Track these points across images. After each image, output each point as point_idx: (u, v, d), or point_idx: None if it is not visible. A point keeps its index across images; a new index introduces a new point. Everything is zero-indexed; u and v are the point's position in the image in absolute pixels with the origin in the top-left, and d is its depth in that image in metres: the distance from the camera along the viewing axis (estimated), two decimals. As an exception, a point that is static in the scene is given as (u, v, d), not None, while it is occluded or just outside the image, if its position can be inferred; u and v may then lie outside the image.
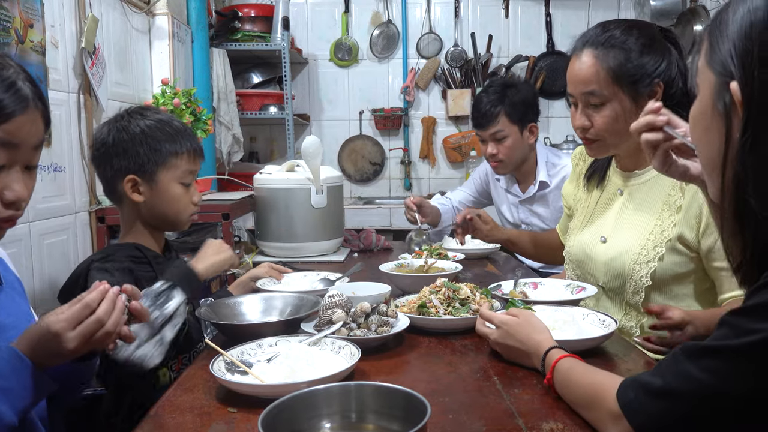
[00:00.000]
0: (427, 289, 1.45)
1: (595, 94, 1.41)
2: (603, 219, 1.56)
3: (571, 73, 1.46)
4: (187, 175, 1.53)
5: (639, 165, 1.50)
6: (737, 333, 0.68)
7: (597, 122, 1.43)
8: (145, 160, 1.46)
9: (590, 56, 1.41)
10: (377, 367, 1.16)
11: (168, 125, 1.51)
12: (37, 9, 1.92)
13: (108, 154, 1.48)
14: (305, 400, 0.85)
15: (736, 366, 0.68)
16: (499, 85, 2.45)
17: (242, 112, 3.61)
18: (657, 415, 0.76)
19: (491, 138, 2.42)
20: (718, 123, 0.76)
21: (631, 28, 1.43)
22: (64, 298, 1.41)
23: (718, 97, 0.76)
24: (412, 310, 1.40)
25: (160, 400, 1.04)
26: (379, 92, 4.19)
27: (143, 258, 1.47)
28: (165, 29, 2.85)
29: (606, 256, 1.49)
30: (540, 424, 0.91)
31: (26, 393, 0.90)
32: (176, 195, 1.51)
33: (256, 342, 1.17)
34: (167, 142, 1.49)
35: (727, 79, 0.74)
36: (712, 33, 0.78)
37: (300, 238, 2.30)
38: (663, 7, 3.76)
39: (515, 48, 4.13)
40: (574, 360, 1.00)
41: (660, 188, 1.45)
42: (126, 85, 2.61)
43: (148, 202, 1.49)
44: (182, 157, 1.51)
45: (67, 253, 2.12)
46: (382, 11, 4.13)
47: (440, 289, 1.42)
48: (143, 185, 1.48)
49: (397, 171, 4.24)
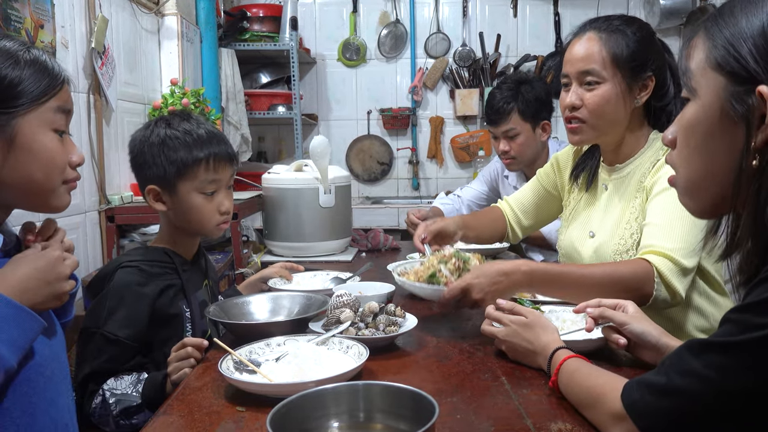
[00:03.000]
0: (435, 258, 1.42)
1: (592, 73, 1.43)
2: (591, 214, 1.57)
3: (570, 54, 1.47)
4: (207, 185, 1.47)
5: (621, 159, 1.52)
6: (742, 329, 0.67)
7: (588, 102, 1.44)
8: (162, 172, 1.45)
9: (593, 38, 1.44)
10: (385, 366, 1.16)
11: (189, 134, 1.46)
12: (48, 10, 1.93)
13: (134, 163, 1.50)
14: (313, 399, 0.85)
15: (741, 362, 0.67)
16: (513, 81, 2.44)
17: (250, 111, 3.62)
18: (662, 414, 0.74)
19: (503, 135, 2.42)
20: (730, 129, 0.72)
21: (633, 21, 1.47)
22: (91, 295, 1.43)
23: (734, 101, 0.71)
24: (420, 279, 1.39)
25: (169, 399, 1.05)
26: (387, 92, 4.18)
27: (171, 263, 1.47)
28: (174, 29, 2.86)
29: (591, 250, 1.50)
30: (548, 424, 0.91)
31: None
32: (197, 205, 1.47)
33: (265, 341, 1.17)
34: (183, 152, 1.45)
35: (746, 82, 0.69)
36: (715, 33, 0.73)
37: (308, 238, 2.30)
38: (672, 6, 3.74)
39: (523, 47, 4.12)
40: (581, 361, 0.99)
41: (636, 177, 1.47)
42: (135, 85, 2.63)
43: (171, 211, 1.48)
44: (200, 166, 1.45)
45: (78, 252, 2.12)
46: (390, 11, 4.13)
47: (450, 259, 1.40)
48: (165, 195, 1.47)
49: (405, 171, 4.24)
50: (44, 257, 0.97)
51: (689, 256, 1.30)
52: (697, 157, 0.78)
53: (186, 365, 1.22)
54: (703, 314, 1.45)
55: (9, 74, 0.92)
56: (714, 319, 1.45)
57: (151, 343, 1.38)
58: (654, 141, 1.47)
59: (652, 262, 1.28)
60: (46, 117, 0.96)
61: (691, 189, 0.81)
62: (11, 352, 0.88)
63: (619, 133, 1.48)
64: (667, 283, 1.28)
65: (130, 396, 1.27)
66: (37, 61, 0.96)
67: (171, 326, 1.41)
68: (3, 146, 0.93)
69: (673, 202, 1.34)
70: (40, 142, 0.95)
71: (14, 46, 0.95)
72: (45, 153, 0.96)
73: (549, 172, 1.77)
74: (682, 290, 1.29)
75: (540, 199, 1.80)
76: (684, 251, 1.29)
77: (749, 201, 0.72)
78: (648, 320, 1.10)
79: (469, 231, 1.76)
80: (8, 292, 0.90)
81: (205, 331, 1.49)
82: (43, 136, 0.96)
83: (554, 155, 1.78)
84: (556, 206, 1.77)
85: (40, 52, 0.99)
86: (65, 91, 1.00)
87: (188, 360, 1.22)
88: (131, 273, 1.38)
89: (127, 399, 1.26)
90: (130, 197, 2.42)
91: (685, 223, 1.31)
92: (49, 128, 0.97)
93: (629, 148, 1.49)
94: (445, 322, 1.45)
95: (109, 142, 2.36)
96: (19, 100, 0.93)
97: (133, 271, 1.38)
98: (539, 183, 1.79)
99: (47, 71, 0.97)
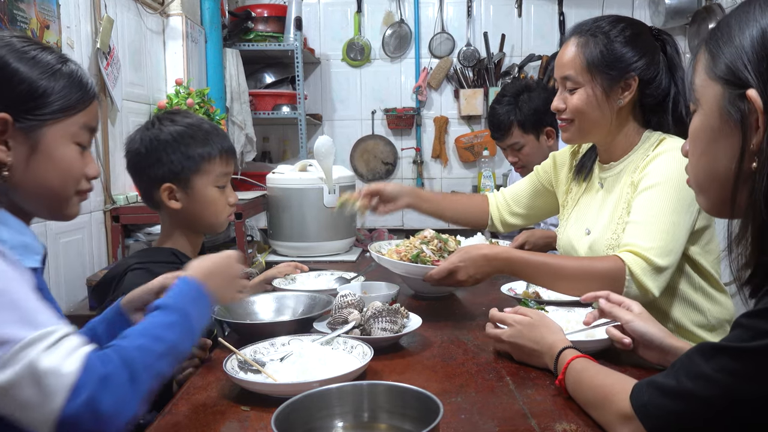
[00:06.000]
0: (416, 239, 1.50)
1: (569, 78, 1.47)
2: (587, 211, 1.59)
3: (557, 58, 1.53)
4: (221, 178, 1.51)
5: (614, 157, 1.54)
6: (753, 335, 0.68)
7: (569, 104, 1.49)
8: (179, 168, 1.45)
9: (574, 43, 1.48)
10: (390, 366, 1.16)
11: (198, 129, 1.49)
12: (54, 10, 1.94)
13: (141, 163, 1.47)
14: (318, 399, 0.85)
15: (751, 367, 0.68)
16: (512, 94, 2.41)
17: (255, 112, 3.62)
18: (671, 417, 0.75)
19: (509, 148, 2.43)
20: (729, 134, 0.76)
21: (620, 21, 1.49)
22: (98, 296, 1.43)
23: (730, 107, 0.75)
24: (404, 258, 1.45)
25: (174, 399, 1.05)
26: (392, 92, 4.18)
27: (178, 263, 1.47)
28: (179, 30, 2.87)
29: (587, 246, 1.52)
30: (553, 425, 0.91)
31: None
32: (213, 198, 1.50)
33: (269, 341, 1.17)
34: (199, 147, 1.46)
35: (739, 89, 0.74)
36: (714, 46, 0.78)
37: (312, 238, 2.31)
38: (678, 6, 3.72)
39: (528, 47, 4.11)
40: (588, 361, 0.99)
41: (627, 174, 1.49)
42: (140, 86, 2.63)
43: (186, 208, 1.48)
44: (215, 160, 1.49)
45: (83, 252, 2.14)
46: (395, 11, 4.13)
47: (432, 240, 1.46)
48: (179, 192, 1.47)
49: (410, 171, 4.23)
50: (224, 255, 1.09)
51: (665, 255, 1.33)
52: (703, 162, 0.82)
53: (190, 365, 1.22)
54: (699, 310, 1.46)
55: (44, 85, 0.96)
56: (711, 315, 1.47)
57: None
58: (647, 139, 1.49)
59: (625, 261, 1.32)
60: (71, 130, 1.00)
61: (699, 191, 0.85)
62: (198, 326, 0.97)
63: (606, 132, 1.51)
64: (638, 281, 1.31)
65: None
66: (72, 75, 1.00)
67: None
68: (26, 150, 0.96)
69: (656, 200, 1.36)
70: (61, 151, 0.99)
71: (53, 60, 0.99)
72: (64, 162, 1.00)
73: (547, 169, 1.79)
74: (655, 288, 1.32)
75: (535, 191, 1.82)
76: (659, 250, 1.32)
77: (749, 202, 0.75)
78: (653, 320, 1.11)
79: (423, 203, 1.78)
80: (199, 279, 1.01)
81: (210, 330, 1.49)
82: (65, 146, 0.99)
83: (552, 153, 1.80)
84: (552, 202, 1.78)
85: (76, 66, 1.03)
86: (93, 107, 1.04)
87: (192, 360, 1.22)
88: (141, 275, 1.37)
89: None
90: (135, 197, 2.42)
91: (665, 222, 1.34)
92: (71, 141, 1.00)
93: (622, 146, 1.51)
94: (449, 322, 1.45)
95: (115, 142, 2.36)
96: (49, 108, 0.97)
97: (143, 273, 1.38)
98: (537, 177, 1.82)
99: (80, 85, 1.01)
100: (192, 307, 0.96)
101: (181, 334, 0.92)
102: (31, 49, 0.97)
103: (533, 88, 2.44)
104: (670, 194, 1.36)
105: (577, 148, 1.71)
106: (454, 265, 1.37)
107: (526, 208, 1.83)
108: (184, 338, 0.93)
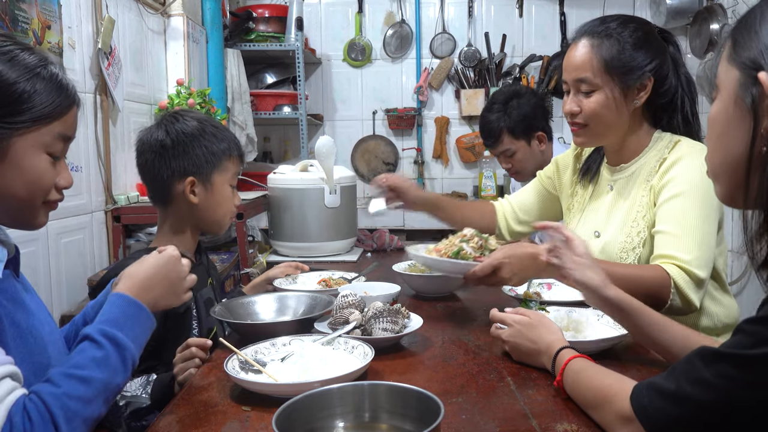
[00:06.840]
0: (456, 238, 1.47)
1: (586, 81, 1.44)
2: (596, 214, 1.58)
3: (567, 61, 1.50)
4: (234, 177, 1.53)
5: (624, 159, 1.53)
6: (754, 342, 0.68)
7: (585, 107, 1.46)
8: (202, 162, 1.46)
9: (586, 45, 1.45)
10: (391, 366, 1.16)
11: (217, 128, 1.50)
12: (55, 10, 1.94)
13: (166, 155, 1.45)
14: (319, 399, 0.85)
15: (751, 375, 0.68)
16: (501, 101, 2.41)
17: (256, 112, 3.62)
18: (671, 420, 0.75)
19: (501, 155, 2.44)
20: (742, 118, 0.76)
21: (628, 22, 1.47)
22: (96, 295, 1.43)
23: (743, 92, 0.75)
24: (445, 255, 1.42)
25: (175, 399, 1.05)
26: (393, 92, 4.18)
27: None
28: (180, 30, 2.87)
29: (598, 249, 1.51)
30: (554, 425, 0.91)
31: None
32: (227, 197, 1.51)
33: (270, 341, 1.18)
34: (220, 144, 1.48)
35: (754, 72, 0.73)
36: (738, 34, 0.78)
37: (313, 238, 2.31)
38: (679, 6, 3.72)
39: (529, 48, 4.11)
40: (586, 361, 0.99)
41: (641, 176, 1.48)
42: (142, 86, 2.64)
43: (201, 204, 1.48)
44: (233, 159, 1.51)
45: (84, 252, 2.14)
46: (396, 11, 4.13)
47: (472, 238, 1.44)
48: (199, 186, 1.47)
49: (411, 171, 4.23)
50: (163, 256, 1.06)
51: (703, 266, 1.33)
52: (719, 147, 0.82)
53: (191, 365, 1.22)
54: (708, 315, 1.46)
55: (20, 89, 0.89)
56: (718, 320, 1.46)
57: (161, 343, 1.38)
58: (658, 140, 1.48)
59: (670, 273, 1.31)
60: (44, 140, 0.93)
61: (715, 177, 0.85)
62: (136, 348, 0.95)
63: (620, 135, 1.49)
64: (683, 294, 1.30)
65: (140, 397, 1.27)
66: (52, 79, 0.94)
67: (180, 325, 1.42)
68: None
69: (688, 210, 1.35)
70: (31, 161, 0.93)
71: (33, 61, 0.92)
72: (33, 173, 0.93)
73: (549, 174, 1.79)
74: (697, 301, 1.32)
75: (541, 197, 1.82)
76: (698, 262, 1.32)
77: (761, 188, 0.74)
78: (593, 268, 1.12)
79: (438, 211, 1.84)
80: (134, 292, 0.99)
81: (210, 329, 1.49)
82: (35, 156, 0.93)
83: (555, 158, 1.80)
84: (558, 207, 1.78)
85: (57, 69, 0.96)
86: (71, 115, 0.98)
87: (193, 360, 1.22)
88: None
89: (137, 401, 1.27)
90: (137, 197, 2.43)
91: (699, 233, 1.34)
92: (43, 150, 0.94)
93: (633, 148, 1.50)
94: (450, 322, 1.45)
95: (116, 142, 2.36)
96: (21, 117, 0.90)
97: None
98: (540, 183, 1.82)
99: (59, 91, 0.95)
100: (127, 331, 0.93)
101: (112, 368, 0.89)
102: (11, 49, 0.90)
103: (523, 94, 2.44)
104: (698, 203, 1.35)
105: (580, 151, 1.70)
106: (499, 261, 1.33)
107: (533, 215, 1.82)
108: (116, 372, 0.90)
